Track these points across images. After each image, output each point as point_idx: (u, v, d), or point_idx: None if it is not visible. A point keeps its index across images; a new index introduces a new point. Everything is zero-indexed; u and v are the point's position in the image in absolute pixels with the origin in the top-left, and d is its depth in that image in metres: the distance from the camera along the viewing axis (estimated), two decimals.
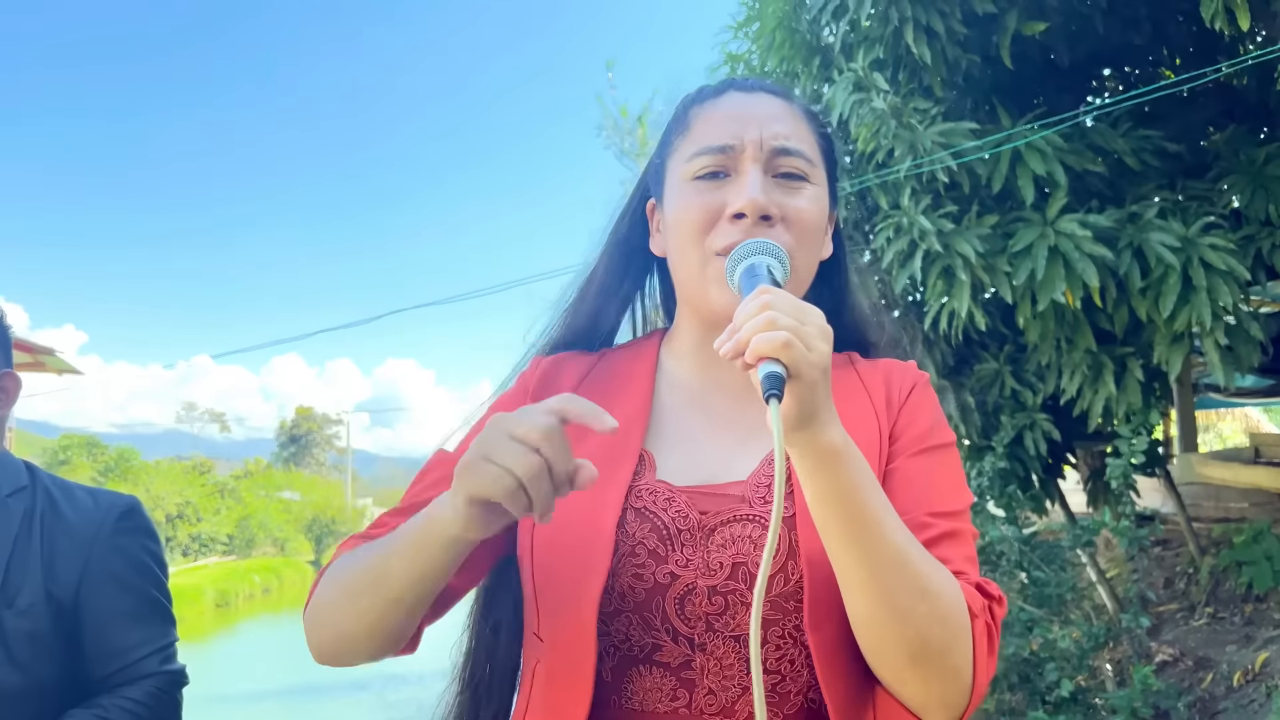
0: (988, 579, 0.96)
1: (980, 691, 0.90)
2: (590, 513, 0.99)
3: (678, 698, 0.97)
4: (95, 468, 32.94)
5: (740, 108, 1.09)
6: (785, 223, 1.05)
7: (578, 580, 0.97)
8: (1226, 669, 4.99)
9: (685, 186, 1.08)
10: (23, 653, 1.50)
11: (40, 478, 1.66)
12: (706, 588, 0.96)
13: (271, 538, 38.66)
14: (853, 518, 0.85)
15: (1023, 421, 5.21)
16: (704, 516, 0.99)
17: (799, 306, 0.83)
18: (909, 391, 1.10)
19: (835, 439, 0.84)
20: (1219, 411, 15.66)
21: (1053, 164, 4.18)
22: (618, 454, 1.04)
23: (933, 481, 1.01)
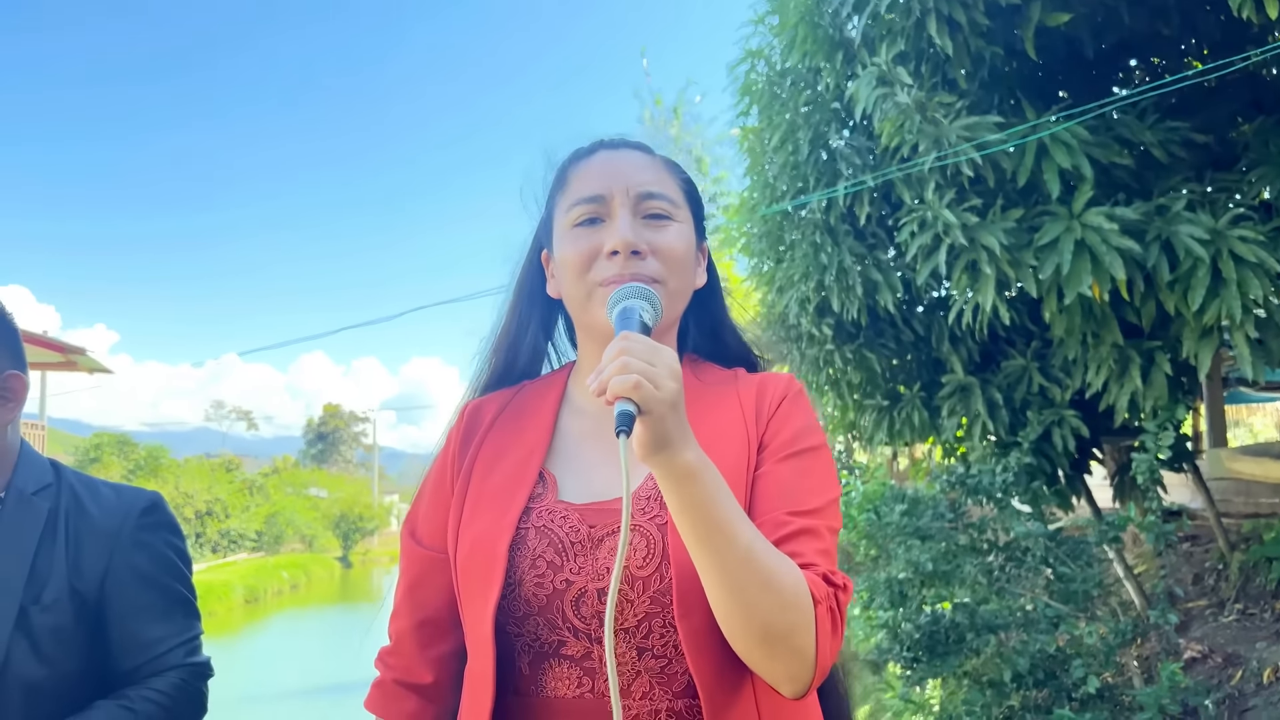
0: (835, 569, 1.10)
1: (824, 666, 1.05)
2: (491, 535, 1.17)
3: (583, 684, 1.14)
4: (126, 466, 33.32)
5: (608, 163, 1.29)
6: (655, 255, 1.23)
7: (481, 594, 1.16)
8: (1256, 666, 4.93)
9: (568, 233, 1.26)
10: (49, 647, 1.53)
11: (65, 475, 1.69)
12: (596, 590, 1.14)
13: (300, 534, 39.00)
14: (705, 524, 1.00)
15: (1051, 418, 5.17)
16: (593, 529, 1.16)
17: (652, 350, 0.99)
18: (779, 402, 1.25)
19: (688, 459, 0.99)
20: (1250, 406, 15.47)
21: (1079, 157, 4.14)
22: (518, 479, 1.23)
23: (795, 483, 1.16)
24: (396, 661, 1.33)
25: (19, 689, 1.50)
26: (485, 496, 1.23)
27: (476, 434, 1.31)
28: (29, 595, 1.53)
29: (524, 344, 1.39)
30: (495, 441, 1.29)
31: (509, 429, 1.31)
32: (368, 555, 44.45)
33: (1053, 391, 5.21)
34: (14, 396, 1.63)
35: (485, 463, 1.27)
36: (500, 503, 1.21)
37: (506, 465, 1.25)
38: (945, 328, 5.44)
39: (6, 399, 1.62)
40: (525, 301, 1.39)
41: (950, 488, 5.08)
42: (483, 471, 1.26)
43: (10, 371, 1.62)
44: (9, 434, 1.64)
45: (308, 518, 40.16)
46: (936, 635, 4.73)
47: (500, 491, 1.22)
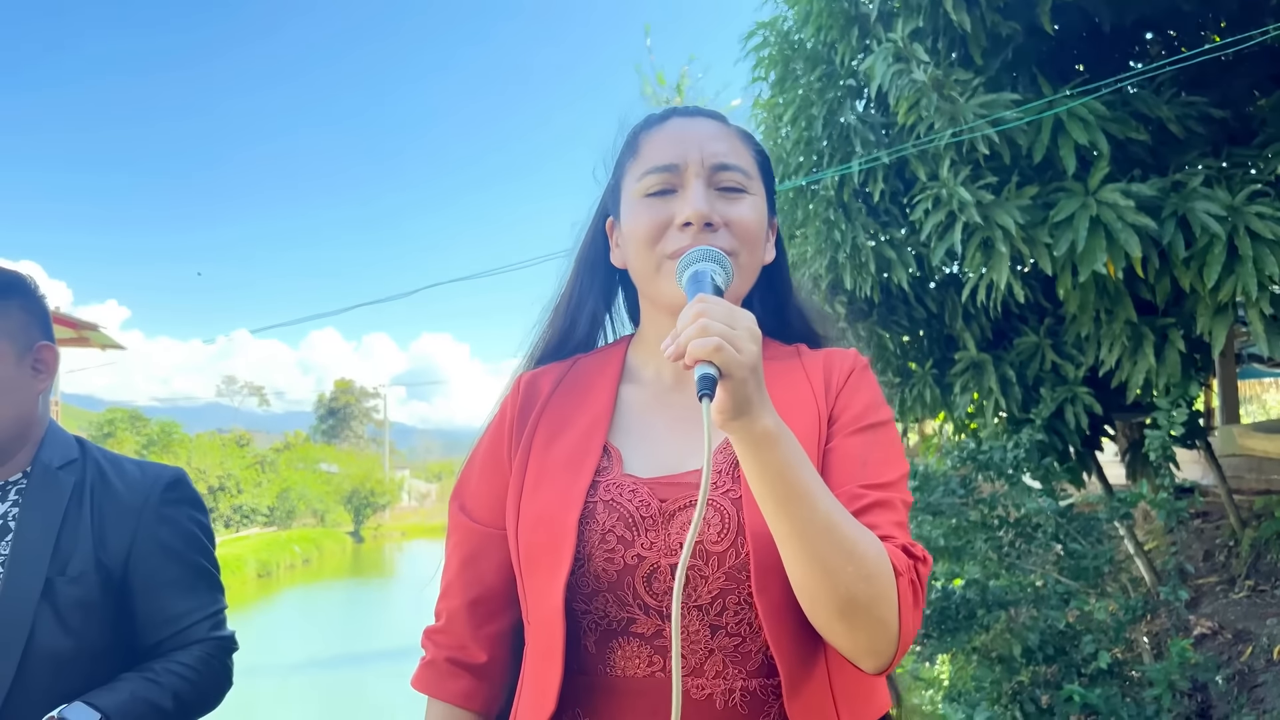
0: (915, 542, 1.08)
1: (906, 640, 1.02)
2: (559, 509, 1.14)
3: (653, 663, 1.11)
4: (139, 441, 33.54)
5: (682, 130, 1.24)
6: (728, 228, 1.19)
7: (549, 569, 1.12)
8: (1266, 642, 4.95)
9: (638, 203, 1.22)
10: (74, 619, 1.55)
11: (90, 451, 1.71)
12: (669, 565, 1.10)
13: (311, 509, 39.22)
14: (785, 491, 0.97)
15: (1064, 395, 5.16)
16: (664, 504, 1.13)
17: (731, 312, 0.96)
18: (846, 376, 1.22)
19: (768, 425, 0.96)
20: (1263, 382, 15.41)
21: (1095, 133, 4.11)
22: (583, 452, 1.19)
23: (866, 457, 1.14)
24: (447, 640, 1.28)
25: (46, 660, 1.53)
26: (548, 470, 1.19)
27: (534, 406, 1.27)
28: (55, 568, 1.55)
29: (584, 313, 1.35)
30: (554, 413, 1.26)
31: (568, 401, 1.27)
32: (379, 530, 44.72)
33: (1065, 368, 5.20)
34: (46, 368, 1.66)
35: (545, 435, 1.23)
36: (565, 476, 1.17)
37: (568, 438, 1.22)
38: (958, 305, 5.43)
39: (39, 370, 1.65)
40: (587, 270, 1.35)
41: (961, 464, 5.09)
42: (543, 444, 1.22)
43: (42, 343, 1.65)
44: (40, 406, 1.67)
45: (319, 493, 40.38)
46: (947, 611, 4.75)
47: (564, 464, 1.18)
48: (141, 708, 1.54)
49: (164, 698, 1.57)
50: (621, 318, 1.42)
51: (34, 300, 1.65)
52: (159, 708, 1.56)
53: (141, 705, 1.54)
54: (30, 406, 1.64)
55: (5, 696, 1.49)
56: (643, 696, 1.11)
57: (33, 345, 1.64)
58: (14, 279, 1.63)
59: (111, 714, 1.49)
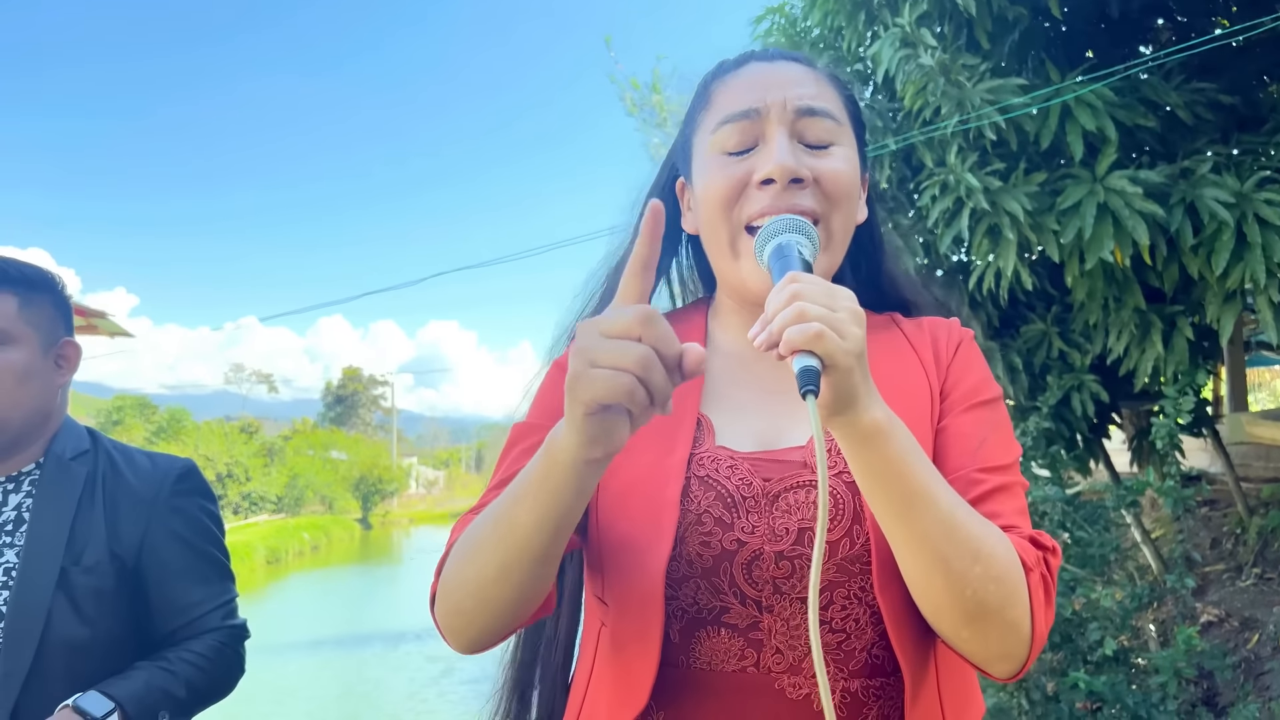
0: (1040, 530, 0.98)
1: (1040, 640, 0.92)
2: (655, 481, 1.01)
3: (745, 657, 0.99)
4: (148, 429, 33.73)
5: (761, 75, 1.09)
6: (817, 185, 1.04)
7: (644, 548, 0.99)
8: (1273, 630, 4.95)
9: (712, 160, 1.08)
10: (89, 608, 1.58)
11: (102, 442, 1.74)
12: (773, 553, 0.98)
13: (320, 496, 39.43)
14: (899, 490, 0.86)
15: (1071, 383, 5.16)
16: (767, 483, 1.00)
17: (829, 292, 0.83)
18: (956, 348, 1.11)
19: (877, 417, 0.85)
20: (1272, 369, 15.35)
21: (1103, 119, 4.09)
22: (676, 420, 1.04)
23: (983, 437, 1.02)
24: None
25: (62, 649, 1.55)
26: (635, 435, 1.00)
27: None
28: (69, 557, 1.58)
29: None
30: None
31: None
32: (387, 517, 44.91)
33: (1073, 356, 5.19)
34: (68, 364, 1.71)
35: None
36: (658, 443, 1.03)
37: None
38: (965, 292, 5.42)
39: (61, 365, 1.70)
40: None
41: None
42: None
43: (66, 339, 1.71)
44: (58, 399, 1.71)
45: (327, 480, 40.57)
46: None
47: (655, 430, 1.02)
48: (155, 696, 1.56)
49: (177, 686, 1.59)
50: (692, 283, 1.28)
51: (62, 299, 1.72)
52: (173, 696, 1.58)
53: (155, 693, 1.56)
54: (50, 399, 1.68)
55: (22, 685, 1.51)
56: (729, 693, 1.00)
57: (58, 340, 1.69)
58: (47, 276, 1.69)
59: (126, 702, 1.51)
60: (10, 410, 1.60)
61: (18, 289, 1.63)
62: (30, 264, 1.68)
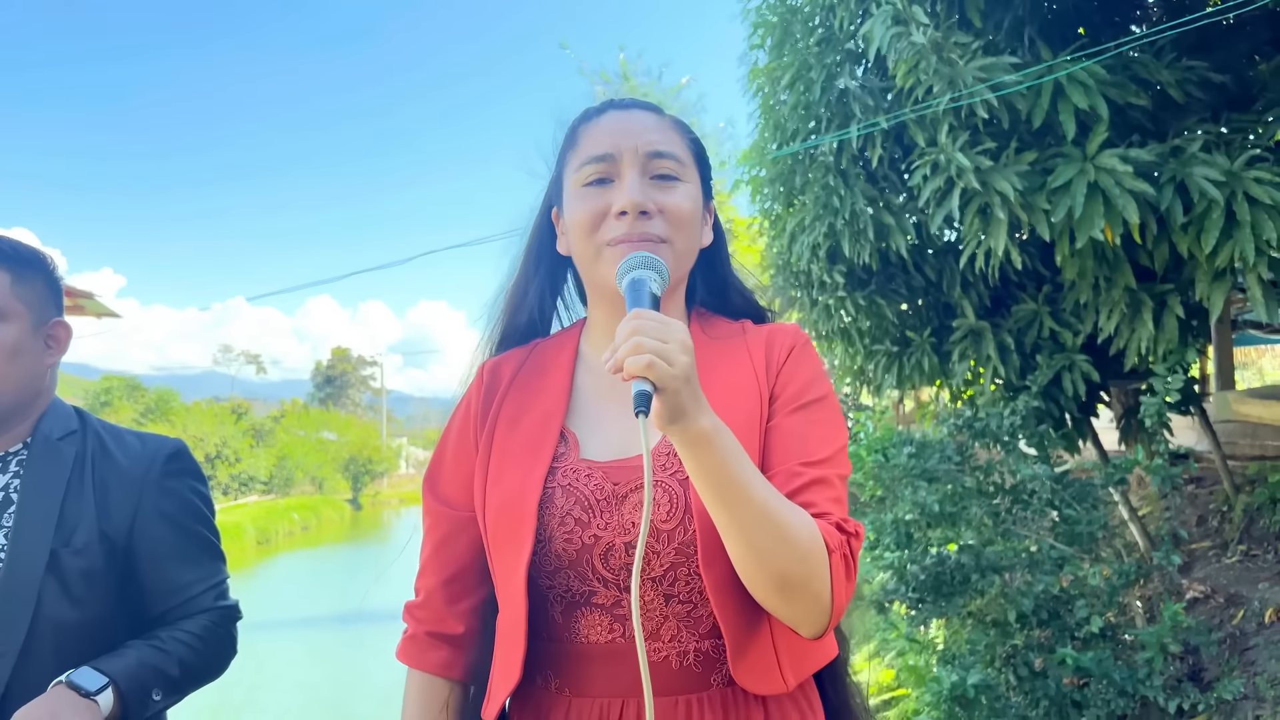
0: (848, 518, 1.16)
1: (839, 609, 1.12)
2: (520, 496, 1.22)
3: (613, 630, 1.21)
4: (136, 409, 33.59)
5: (618, 122, 1.30)
6: (663, 215, 1.25)
7: (513, 552, 1.21)
8: (1258, 606, 4.99)
9: (577, 192, 1.29)
10: (79, 590, 1.58)
11: (90, 422, 1.73)
12: (623, 544, 1.19)
13: (310, 477, 39.39)
14: (721, 485, 1.04)
15: (1061, 362, 5.17)
16: (616, 486, 1.21)
17: (663, 326, 1.01)
18: (787, 354, 1.29)
19: (703, 426, 1.03)
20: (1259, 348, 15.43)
21: (1095, 97, 4.08)
22: (540, 439, 1.27)
23: (805, 434, 1.21)
24: (426, 615, 1.36)
25: (52, 631, 1.55)
26: (510, 455, 1.27)
27: (497, 393, 1.35)
28: (59, 539, 1.57)
29: (532, 300, 1.42)
30: (515, 400, 1.33)
31: (528, 388, 1.34)
32: (377, 497, 44.90)
33: (1064, 336, 5.21)
34: (57, 344, 1.70)
35: (507, 422, 1.31)
36: (525, 461, 1.25)
37: (528, 424, 1.29)
38: (956, 272, 5.42)
39: (51, 346, 1.69)
40: (535, 258, 1.41)
41: (958, 431, 5.10)
42: (505, 430, 1.30)
43: (57, 319, 1.70)
44: (47, 379, 1.70)
45: (317, 460, 40.52)
46: (942, 576, 4.78)
47: (524, 450, 1.26)
48: (148, 674, 1.56)
49: (170, 665, 1.59)
50: (574, 302, 1.48)
51: (54, 279, 1.71)
52: (165, 674, 1.58)
53: (148, 671, 1.56)
54: (39, 378, 1.67)
55: (13, 667, 1.51)
56: (605, 660, 1.21)
57: (48, 320, 1.68)
58: (40, 256, 1.69)
59: (119, 678, 1.51)
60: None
61: (10, 266, 1.62)
62: (23, 243, 1.67)
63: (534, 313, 1.42)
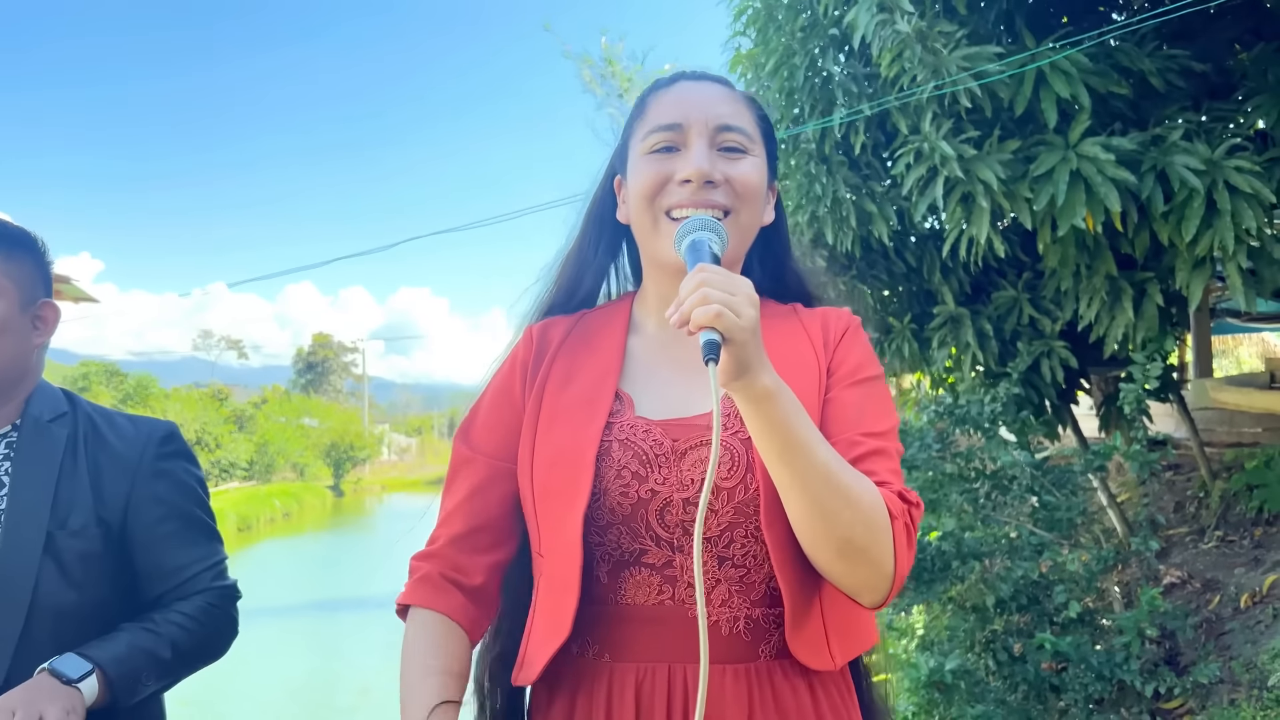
0: (908, 488, 1.15)
1: (901, 577, 1.11)
2: (575, 447, 1.20)
3: (662, 592, 1.18)
4: (115, 395, 33.29)
5: (688, 93, 1.30)
6: (728, 185, 1.25)
7: (567, 502, 1.18)
8: (1234, 591, 5.06)
9: (642, 160, 1.28)
10: (77, 572, 1.56)
11: (80, 404, 1.72)
12: (681, 500, 1.17)
13: (291, 463, 39.21)
14: (786, 443, 1.04)
15: (1040, 349, 5.20)
16: (676, 443, 1.19)
17: (730, 280, 1.02)
18: (842, 334, 1.29)
19: (767, 383, 1.02)
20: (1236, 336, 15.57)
21: (1077, 86, 4.09)
22: (596, 396, 1.25)
23: (863, 407, 1.21)
24: (443, 562, 1.28)
25: (51, 614, 1.53)
26: (562, 411, 1.25)
27: (547, 353, 1.32)
28: (55, 521, 1.56)
29: (590, 269, 1.41)
30: (565, 362, 1.31)
31: (578, 351, 1.32)
32: (360, 484, 44.77)
33: (1042, 323, 5.24)
34: (45, 325, 1.69)
35: (558, 381, 1.29)
36: (580, 416, 1.23)
37: (581, 383, 1.28)
38: (937, 259, 5.43)
39: (38, 327, 1.67)
40: (595, 227, 1.40)
41: (939, 418, 5.12)
42: (556, 389, 1.28)
43: (45, 300, 1.69)
44: (34, 360, 1.69)
45: (299, 447, 40.34)
46: (922, 562, 4.80)
47: (578, 406, 1.25)
48: (138, 658, 1.54)
49: (162, 647, 1.58)
50: (624, 273, 1.46)
51: (42, 260, 1.70)
52: (157, 658, 1.56)
53: (138, 655, 1.54)
54: (25, 358, 1.65)
55: (14, 651, 1.49)
56: (651, 623, 1.18)
57: (36, 300, 1.67)
58: (29, 236, 1.67)
59: (106, 664, 1.49)
60: None
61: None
62: (12, 223, 1.66)
63: (589, 283, 1.41)
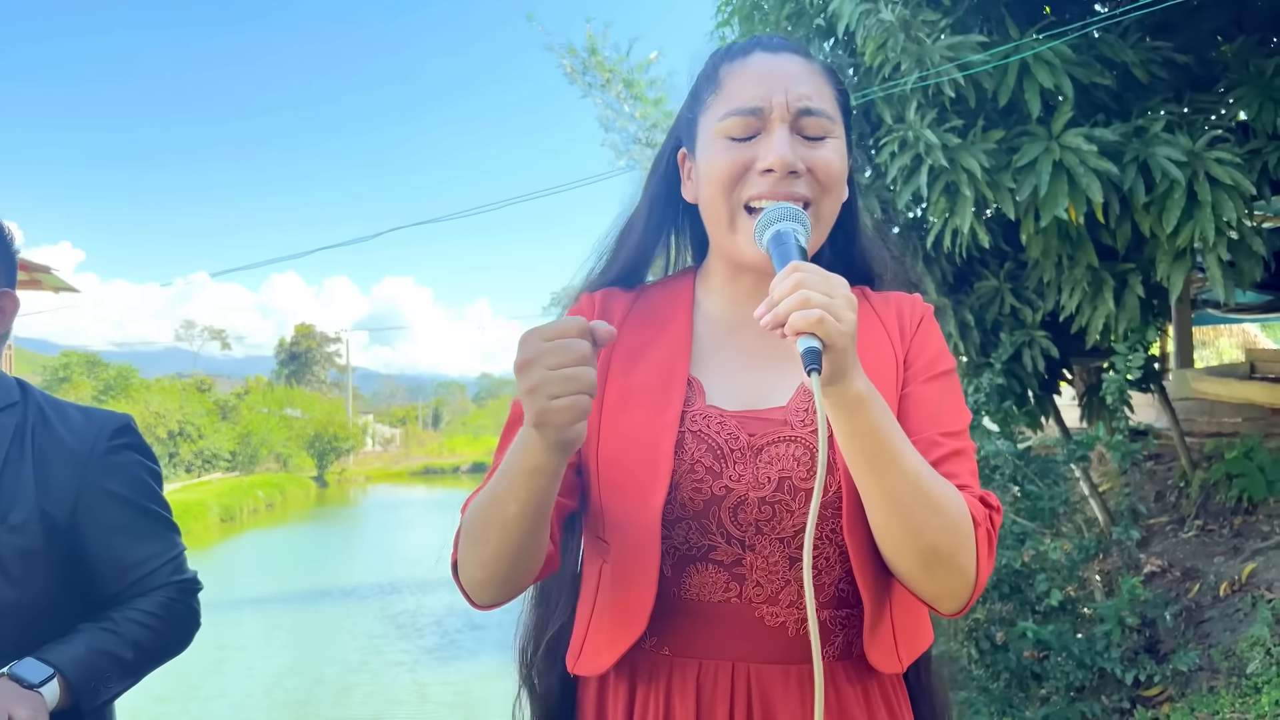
0: (988, 491, 1.11)
1: (981, 584, 1.07)
2: (651, 434, 1.14)
3: (729, 589, 1.14)
4: (96, 386, 33.06)
5: (767, 69, 1.19)
6: (811, 175, 1.17)
7: (643, 493, 1.13)
8: (1214, 579, 5.10)
9: (717, 142, 1.18)
10: (16, 569, 1.49)
11: (32, 394, 1.63)
12: (757, 499, 1.12)
13: (274, 454, 39.02)
14: (874, 451, 1.00)
15: (1022, 339, 5.23)
16: (752, 438, 1.14)
17: (828, 281, 0.96)
18: (918, 324, 1.24)
19: (861, 389, 0.98)
20: (1217, 328, 15.68)
21: (1060, 76, 4.11)
22: (669, 381, 1.19)
23: (941, 404, 1.17)
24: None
25: None
26: (632, 393, 1.18)
27: (611, 324, 1.19)
28: None
29: (647, 245, 1.32)
30: (630, 339, 1.23)
31: (643, 328, 1.24)
32: (344, 474, 44.61)
33: (1024, 313, 5.26)
34: (3, 316, 1.60)
35: (623, 359, 1.22)
36: (654, 402, 1.17)
37: (649, 365, 1.20)
38: (920, 248, 5.45)
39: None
40: (659, 204, 1.31)
41: None
42: (622, 367, 1.21)
43: (3, 289, 1.59)
44: None
45: (282, 437, 40.13)
46: None
47: (650, 389, 1.18)
48: (98, 659, 1.49)
49: (123, 648, 1.53)
50: (683, 248, 1.38)
51: (7, 250, 1.60)
52: (117, 658, 1.52)
53: (98, 657, 1.49)
54: None
55: None
56: (715, 621, 1.14)
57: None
58: None
59: (65, 668, 1.44)
60: None
61: None
62: None
63: (646, 255, 1.32)
